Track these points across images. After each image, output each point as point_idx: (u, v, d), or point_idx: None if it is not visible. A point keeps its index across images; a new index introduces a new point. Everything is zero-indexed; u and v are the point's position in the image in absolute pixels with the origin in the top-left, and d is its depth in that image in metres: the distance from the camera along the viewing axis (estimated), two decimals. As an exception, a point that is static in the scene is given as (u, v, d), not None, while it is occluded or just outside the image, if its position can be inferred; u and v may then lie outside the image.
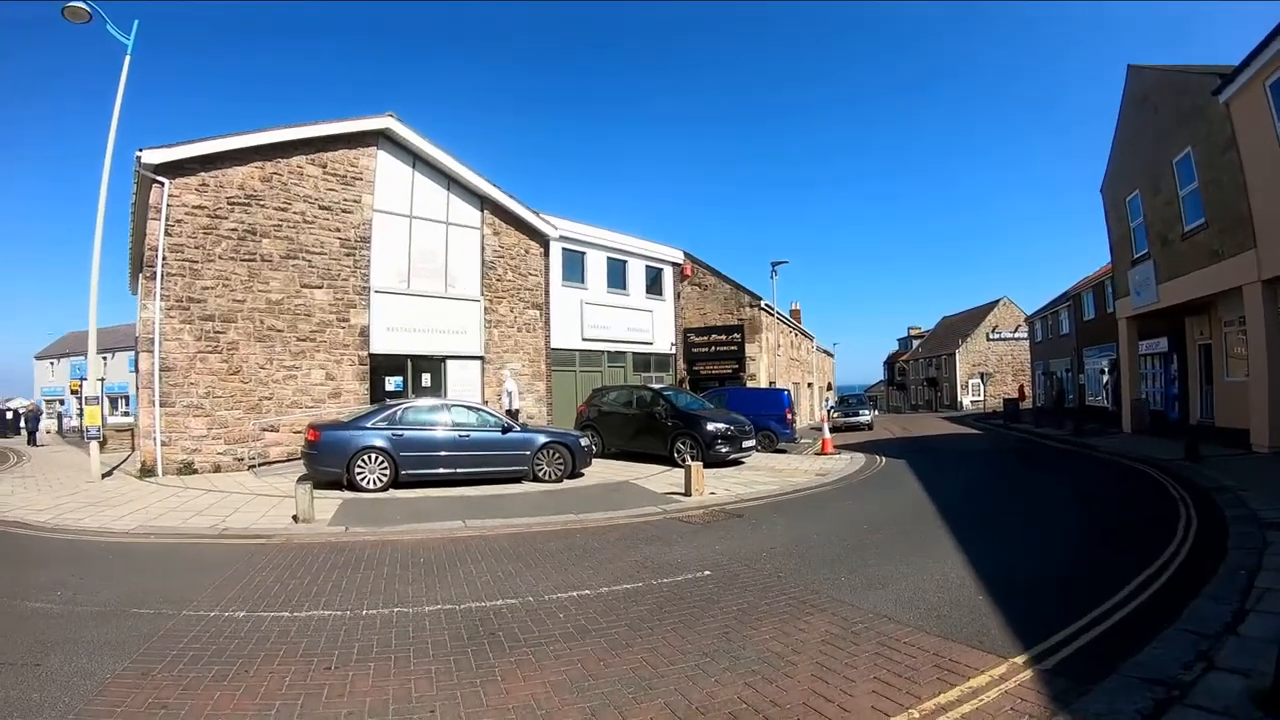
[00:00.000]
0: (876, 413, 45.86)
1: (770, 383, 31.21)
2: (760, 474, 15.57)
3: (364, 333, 17.45)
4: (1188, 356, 22.72)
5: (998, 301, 71.09)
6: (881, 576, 6.88)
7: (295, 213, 16.47)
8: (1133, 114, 20.98)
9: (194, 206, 15.01)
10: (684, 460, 14.59)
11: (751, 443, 17.85)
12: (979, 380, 64.67)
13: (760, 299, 30.80)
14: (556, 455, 14.07)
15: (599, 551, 8.19)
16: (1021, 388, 49.77)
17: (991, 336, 69.14)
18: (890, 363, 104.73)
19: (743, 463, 17.42)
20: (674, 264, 28.83)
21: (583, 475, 14.58)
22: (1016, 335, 65.93)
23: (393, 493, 12.35)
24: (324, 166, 17.04)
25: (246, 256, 15.67)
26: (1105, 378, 34.19)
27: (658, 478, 14.63)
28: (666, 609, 5.89)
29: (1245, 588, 5.81)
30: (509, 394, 18.79)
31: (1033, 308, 56.15)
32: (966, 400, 66.54)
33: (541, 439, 14.11)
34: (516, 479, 13.74)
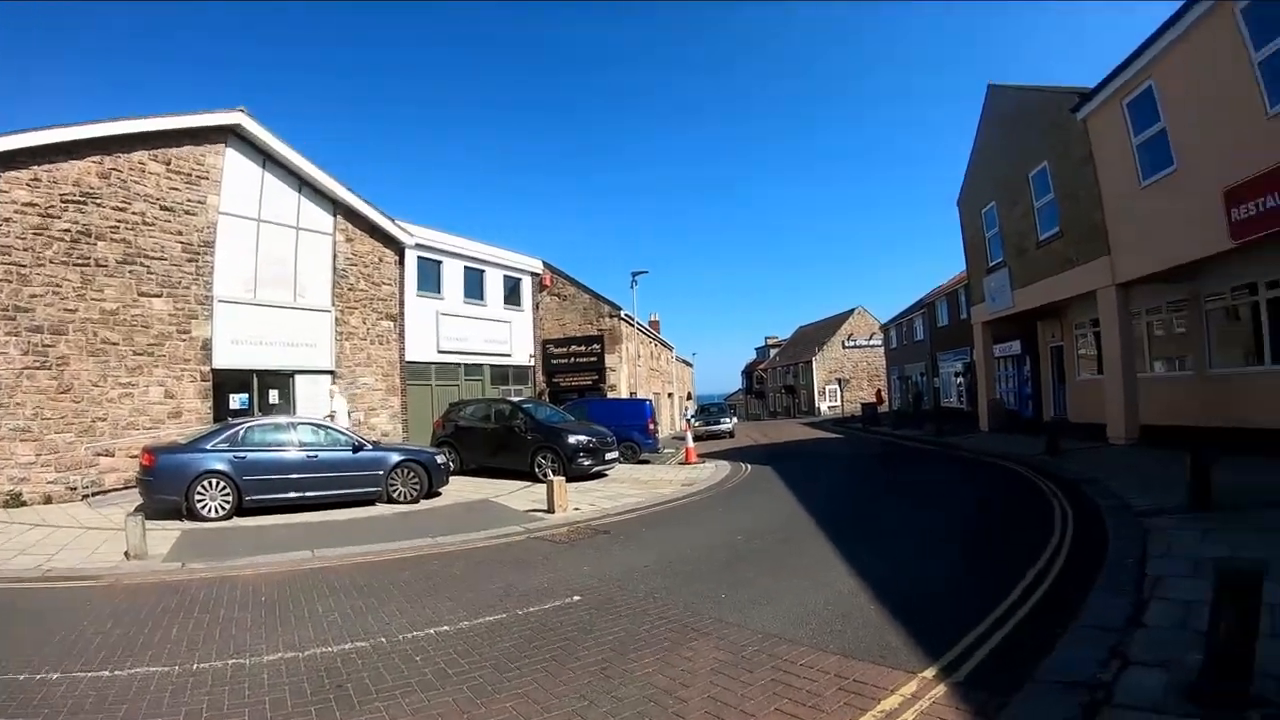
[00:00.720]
0: (737, 420, 46.97)
1: (631, 393, 31.21)
2: (625, 486, 15.34)
3: (207, 346, 15.88)
4: (1040, 358, 24.47)
5: (853, 311, 74.92)
6: (765, 591, 6.56)
7: (135, 213, 14.78)
8: (991, 130, 22.42)
9: (24, 204, 13.17)
10: (546, 475, 14.22)
11: (614, 454, 17.65)
12: (836, 386, 67.67)
13: (620, 309, 30.80)
14: (411, 474, 13.40)
15: (458, 580, 7.59)
16: (879, 392, 52.45)
17: (847, 344, 72.69)
18: (749, 371, 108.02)
19: (606, 475, 17.17)
20: (533, 274, 28.26)
21: (440, 494, 13.99)
22: (871, 342, 69.74)
23: (237, 521, 11.28)
24: (168, 164, 15.41)
25: (80, 261, 13.90)
26: (960, 380, 36.46)
27: (519, 494, 14.14)
28: (535, 643, 5.33)
29: (1138, 577, 5.89)
30: (332, 414, 16.75)
31: (886, 316, 59.43)
32: (824, 406, 69.47)
33: (395, 457, 13.37)
34: (370, 501, 12.94)
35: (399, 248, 21.24)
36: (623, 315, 31.05)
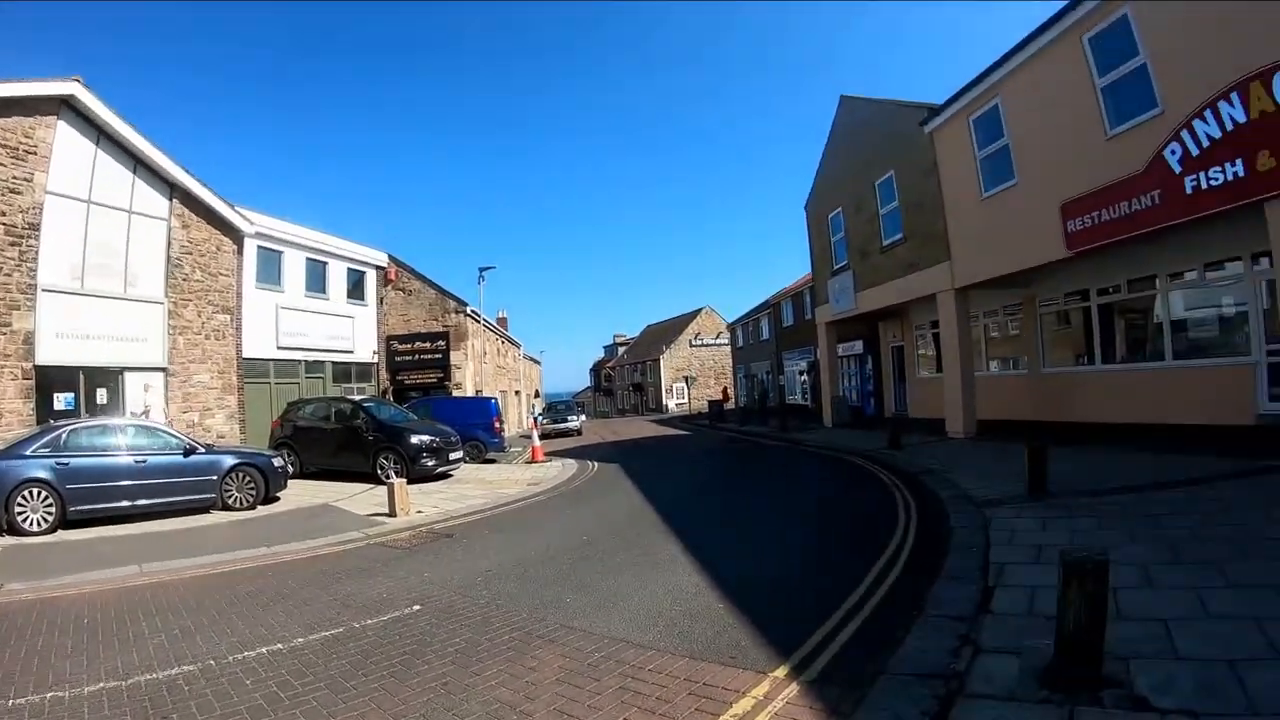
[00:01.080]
0: (585, 418, 46.98)
1: (477, 391, 30.54)
2: (470, 487, 15.00)
3: (29, 340, 13.87)
4: (882, 356, 25.79)
5: (700, 310, 76.69)
6: (612, 593, 6.43)
7: (-48, 191, 12.72)
8: (842, 139, 23.26)
9: None
10: (388, 477, 13.63)
11: (459, 454, 17.32)
12: (684, 384, 68.98)
13: (466, 305, 30.06)
14: (247, 479, 12.50)
15: (295, 592, 7.10)
16: (725, 389, 53.83)
17: (694, 343, 74.30)
18: (597, 369, 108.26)
19: (451, 476, 16.75)
20: (378, 267, 26.92)
21: (278, 500, 13.15)
22: (718, 341, 71.55)
23: (62, 534, 10.16)
24: (-9, 135, 13.40)
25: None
26: (804, 378, 37.91)
27: (361, 498, 13.49)
28: (374, 659, 5.01)
29: (982, 565, 6.00)
30: (146, 411, 15.46)
31: (733, 316, 61.16)
32: (671, 404, 70.76)
33: (230, 461, 12.46)
34: (204, 509, 11.98)
35: (238, 236, 19.45)
36: (469, 311, 30.27)
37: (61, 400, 14.70)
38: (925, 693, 3.71)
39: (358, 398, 18.76)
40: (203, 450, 12.24)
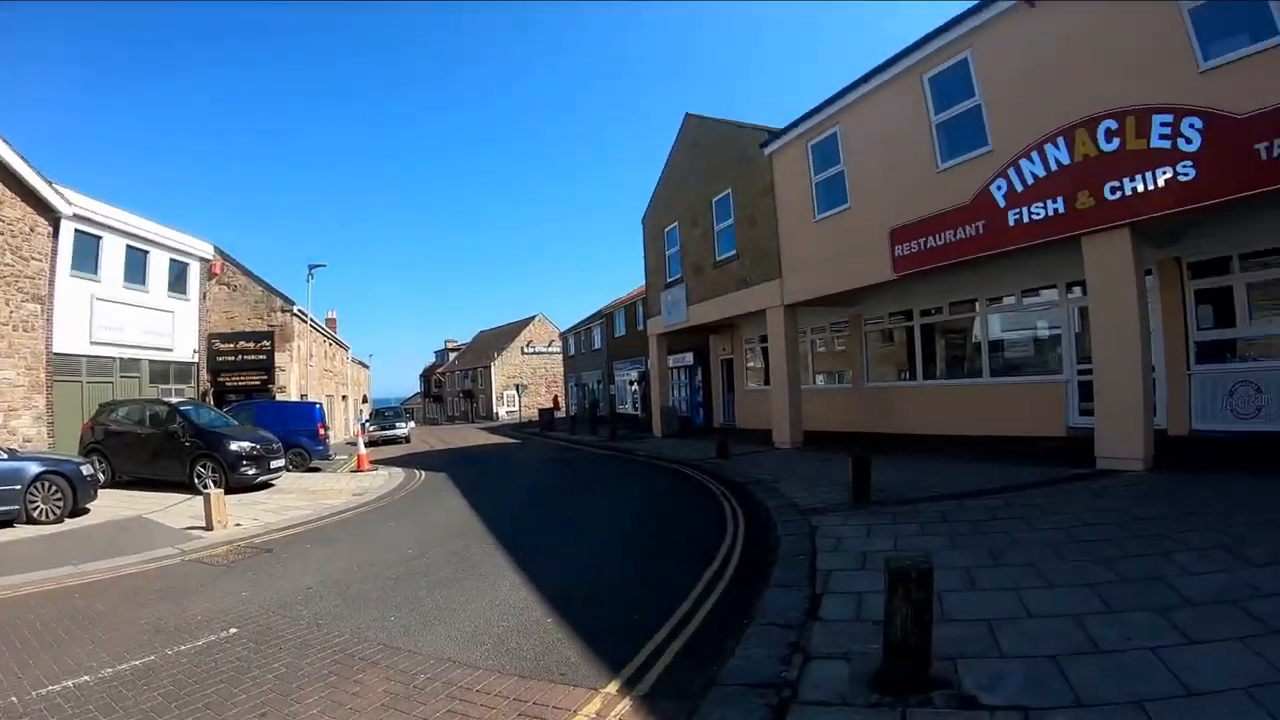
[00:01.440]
0: (414, 425, 44.95)
1: (302, 395, 28.23)
2: (292, 497, 13.86)
3: None
4: (711, 368, 25.80)
5: (533, 317, 75.14)
6: (437, 610, 6.02)
7: None
8: (683, 155, 23.01)
9: None
10: (206, 487, 12.59)
11: (281, 462, 15.85)
12: (514, 392, 66.99)
13: (294, 304, 27.74)
14: (53, 489, 10.87)
15: (103, 616, 6.28)
16: (556, 398, 52.89)
17: (526, 350, 72.67)
18: (427, 375, 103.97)
19: (273, 485, 15.45)
20: (202, 259, 23.86)
21: (88, 511, 11.59)
22: (550, 349, 70.37)
23: None
24: None
25: None
26: (635, 388, 37.62)
27: (177, 509, 12.14)
28: (188, 690, 4.45)
29: (810, 573, 5.91)
30: None
31: (566, 324, 60.25)
32: (502, 411, 68.66)
33: (34, 469, 10.78)
34: (7, 522, 10.40)
35: (54, 217, 16.46)
36: (296, 311, 27.84)
37: None
38: (758, 702, 3.63)
39: (175, 400, 16.55)
40: (4, 456, 10.74)
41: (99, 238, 18.89)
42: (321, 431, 20.85)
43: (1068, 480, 9.04)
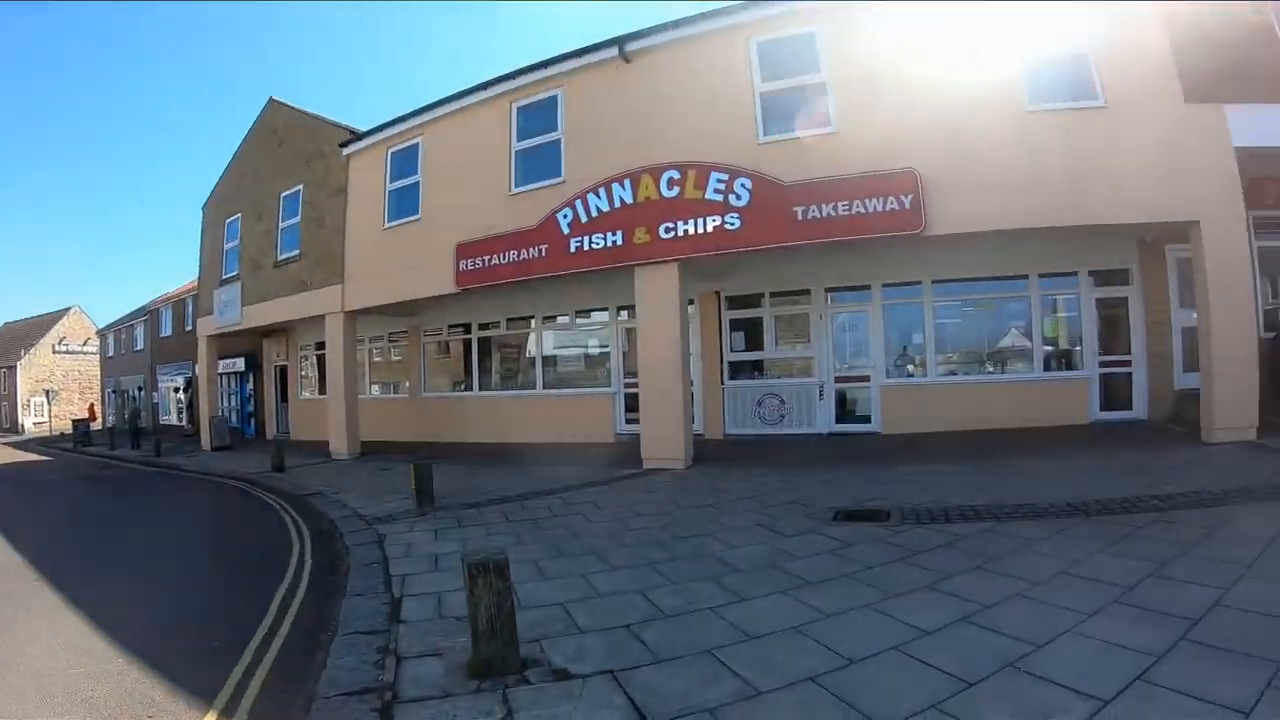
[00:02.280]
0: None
1: None
2: None
3: None
4: (264, 376, 21.23)
5: (68, 310, 56.02)
6: None
7: None
8: (259, 143, 18.72)
9: None
10: None
11: None
12: (44, 398, 48.44)
13: None
14: None
15: None
16: (91, 407, 40.04)
17: (59, 349, 53.71)
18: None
19: None
20: None
21: None
22: (86, 349, 52.64)
23: None
24: None
25: None
26: (180, 396, 29.59)
27: None
28: None
29: (385, 579, 5.31)
30: None
31: (107, 320, 46.17)
32: (29, 422, 48.96)
33: None
34: None
35: None
36: None
37: None
38: (363, 708, 3.18)
39: None
40: None
41: None
42: None
43: (620, 479, 9.07)
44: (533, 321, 14.34)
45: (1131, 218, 8.60)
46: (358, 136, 14.46)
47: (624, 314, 12.69)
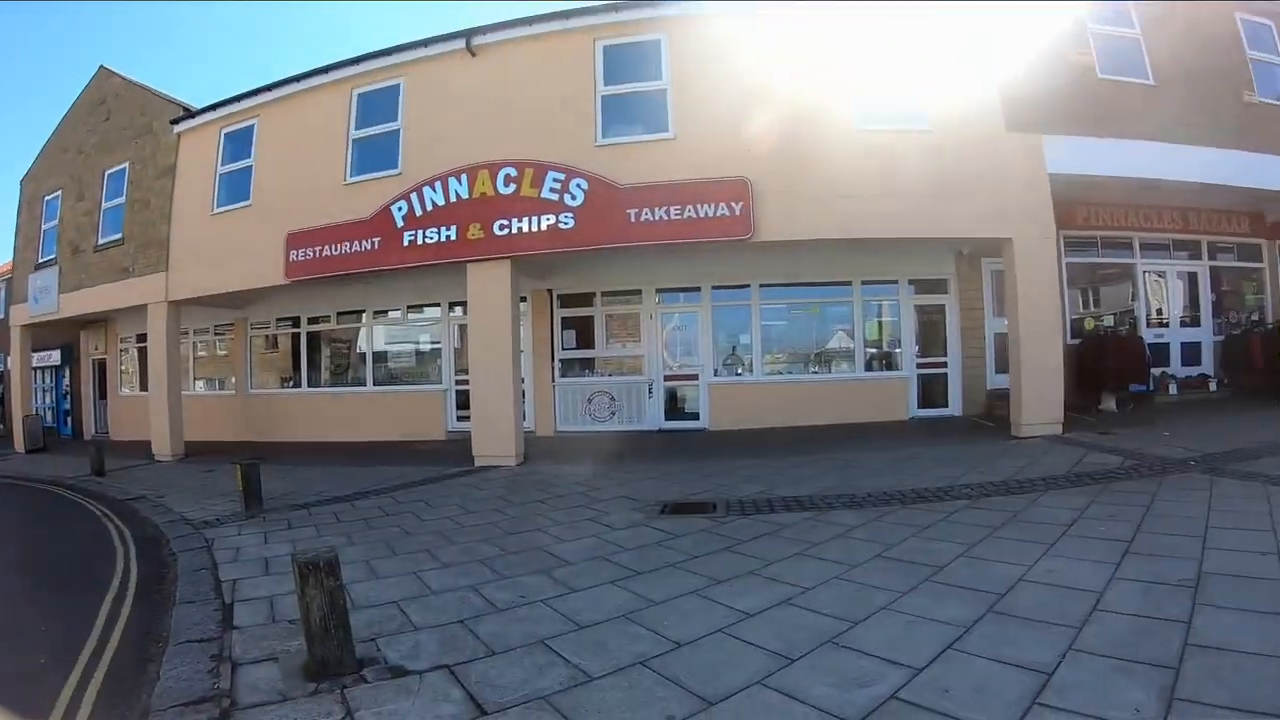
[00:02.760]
0: None
1: None
2: None
3: None
4: (81, 370, 19.11)
5: None
6: None
7: None
8: (85, 114, 16.82)
9: None
10: None
11: None
12: None
13: None
14: None
15: None
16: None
17: None
18: None
19: None
20: None
21: None
22: (-120, 335, 45.93)
23: None
24: None
25: None
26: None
27: None
28: None
29: (215, 585, 5.06)
30: None
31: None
32: None
33: None
34: None
35: None
36: None
37: None
38: (201, 718, 3.03)
39: None
40: None
41: None
42: None
43: (451, 477, 8.88)
44: (364, 316, 13.81)
45: (950, 233, 9.40)
46: (191, 114, 13.29)
47: (456, 310, 12.41)
